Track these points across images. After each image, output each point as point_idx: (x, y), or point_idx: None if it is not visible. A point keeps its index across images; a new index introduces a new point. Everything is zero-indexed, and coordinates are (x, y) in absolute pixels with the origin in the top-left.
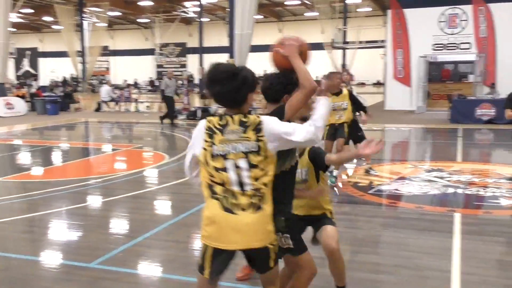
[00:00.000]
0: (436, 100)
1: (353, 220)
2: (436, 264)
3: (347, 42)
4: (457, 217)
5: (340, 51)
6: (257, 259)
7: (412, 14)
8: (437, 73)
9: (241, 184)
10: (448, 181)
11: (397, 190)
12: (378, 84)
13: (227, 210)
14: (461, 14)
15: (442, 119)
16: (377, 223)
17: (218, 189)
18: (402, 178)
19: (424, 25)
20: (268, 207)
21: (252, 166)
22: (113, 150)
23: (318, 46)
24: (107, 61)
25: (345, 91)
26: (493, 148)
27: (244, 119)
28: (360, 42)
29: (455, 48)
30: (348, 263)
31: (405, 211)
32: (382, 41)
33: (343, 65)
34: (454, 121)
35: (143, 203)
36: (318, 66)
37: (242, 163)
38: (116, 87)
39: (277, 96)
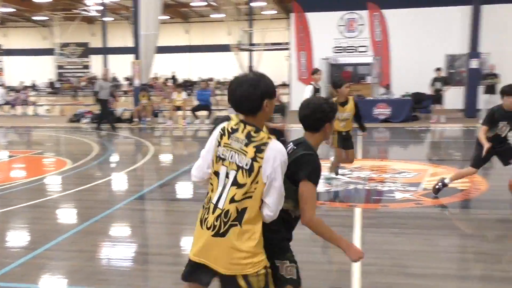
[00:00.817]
0: None
1: None
2: (337, 257)
3: (253, 44)
4: (358, 211)
5: (247, 53)
6: (223, 286)
7: (313, 18)
8: (339, 74)
9: (218, 199)
10: (349, 177)
11: None
12: (284, 85)
13: (201, 221)
14: (358, 18)
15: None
16: None
17: (208, 196)
18: None
19: (325, 29)
20: (236, 236)
21: (235, 183)
22: (9, 157)
23: (224, 48)
24: (0, 61)
25: (351, 101)
26: (389, 145)
27: (253, 133)
28: (266, 44)
29: (354, 51)
30: None
31: None
32: (287, 43)
33: (250, 67)
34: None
35: (44, 212)
36: (225, 68)
37: (231, 176)
38: (11, 89)
39: (318, 125)
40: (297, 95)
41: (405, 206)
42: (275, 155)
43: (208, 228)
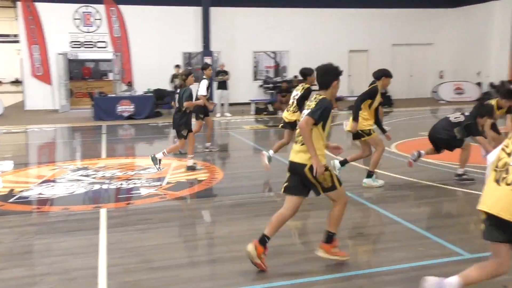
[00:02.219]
0: (80, 98)
1: None
2: (83, 263)
3: None
4: (103, 212)
5: None
6: None
7: (44, 9)
8: (79, 70)
9: None
10: (94, 178)
11: (41, 194)
12: (17, 82)
13: (497, 181)
14: (95, 13)
15: (86, 117)
16: (21, 232)
17: (502, 162)
18: (47, 181)
19: (59, 21)
20: None
21: None
22: None
23: None
24: None
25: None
26: (134, 142)
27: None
28: None
29: (93, 46)
30: None
31: (51, 215)
32: (16, 35)
33: None
34: (98, 118)
35: None
36: None
37: None
38: None
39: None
40: (33, 93)
41: (150, 202)
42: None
43: (508, 185)
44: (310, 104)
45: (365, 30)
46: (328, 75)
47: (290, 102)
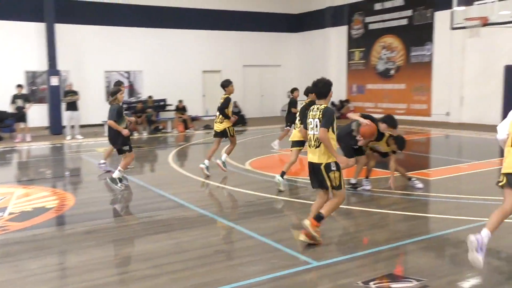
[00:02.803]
0: None
1: None
2: None
3: None
4: None
5: None
6: None
7: None
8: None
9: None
10: None
11: None
12: None
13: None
14: None
15: None
16: None
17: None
18: None
19: None
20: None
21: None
22: None
23: None
24: None
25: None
26: None
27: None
28: None
29: None
30: None
31: None
32: None
33: None
34: None
35: None
36: None
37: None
38: None
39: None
40: None
41: None
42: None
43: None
44: (316, 114)
45: (217, 51)
46: (326, 86)
47: (217, 113)
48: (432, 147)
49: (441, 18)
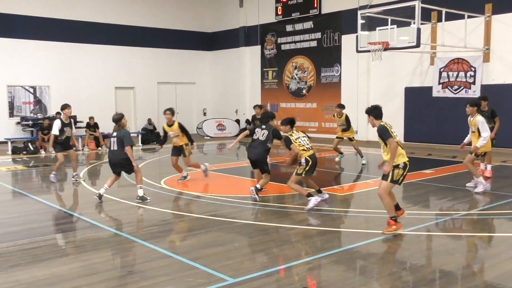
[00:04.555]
0: None
1: None
2: None
3: None
4: None
5: None
6: None
7: None
8: None
9: None
10: None
11: None
12: None
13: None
14: None
15: None
16: None
17: None
18: None
19: None
20: None
21: None
22: None
23: None
24: None
25: (175, 123)
26: None
27: None
28: None
29: None
30: None
31: None
32: None
33: None
34: None
35: None
36: None
37: None
38: None
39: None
40: None
41: None
42: None
43: None
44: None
45: (130, 68)
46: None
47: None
48: (343, 164)
49: (347, 41)
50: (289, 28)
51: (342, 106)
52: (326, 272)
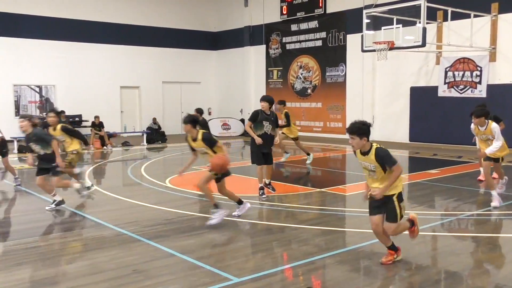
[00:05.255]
0: None
1: None
2: None
3: None
4: None
5: None
6: None
7: None
8: None
9: None
10: None
11: None
12: None
13: None
14: None
15: None
16: None
17: None
18: None
19: None
20: None
21: None
22: None
23: None
24: None
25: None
26: None
27: None
28: None
29: None
30: None
31: None
32: None
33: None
34: None
35: None
36: None
37: None
38: None
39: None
40: None
41: None
42: None
43: None
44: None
45: (135, 67)
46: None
47: None
48: (347, 164)
49: (352, 41)
50: (294, 27)
51: (281, 103)
52: (331, 272)
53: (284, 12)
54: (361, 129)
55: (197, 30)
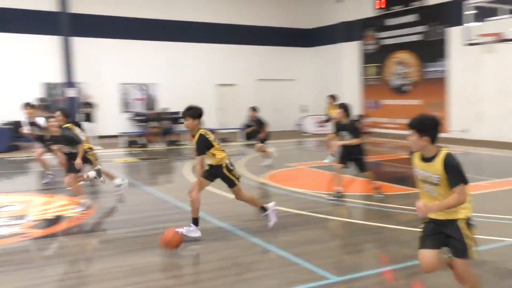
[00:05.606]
0: None
1: None
2: None
3: None
4: None
5: None
6: None
7: None
8: None
9: None
10: None
11: None
12: None
13: None
14: None
15: None
16: None
17: None
18: None
19: None
20: None
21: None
22: None
23: None
24: None
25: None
26: None
27: None
28: None
29: None
30: None
31: None
32: None
33: None
34: None
35: None
36: None
37: None
38: None
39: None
40: None
41: (12, 242)
42: None
43: None
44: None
45: (232, 65)
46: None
47: None
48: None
49: (454, 34)
50: (390, 22)
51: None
52: (433, 277)
53: (380, 6)
54: (422, 124)
55: (291, 27)
